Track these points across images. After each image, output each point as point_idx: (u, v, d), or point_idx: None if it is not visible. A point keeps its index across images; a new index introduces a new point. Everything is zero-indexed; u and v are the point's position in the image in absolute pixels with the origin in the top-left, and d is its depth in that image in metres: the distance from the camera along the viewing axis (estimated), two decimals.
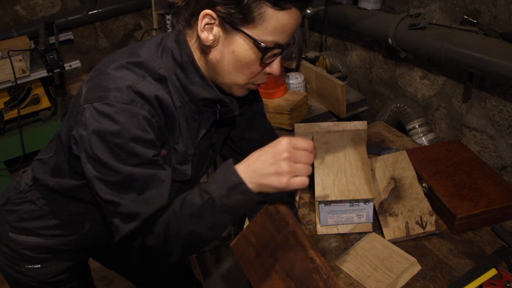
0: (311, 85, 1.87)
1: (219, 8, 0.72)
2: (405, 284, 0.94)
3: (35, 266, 1.05)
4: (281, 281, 0.83)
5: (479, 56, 1.29)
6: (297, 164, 0.73)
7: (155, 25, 2.93)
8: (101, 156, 0.73)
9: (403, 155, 1.24)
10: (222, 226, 0.78)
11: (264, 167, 0.72)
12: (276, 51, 0.77)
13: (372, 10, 1.81)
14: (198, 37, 0.76)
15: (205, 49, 0.78)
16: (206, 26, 0.74)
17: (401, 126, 1.80)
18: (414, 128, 1.72)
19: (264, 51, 0.75)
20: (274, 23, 0.73)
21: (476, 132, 1.56)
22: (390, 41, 1.65)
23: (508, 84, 1.37)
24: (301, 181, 0.73)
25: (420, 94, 1.78)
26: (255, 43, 0.74)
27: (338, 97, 1.69)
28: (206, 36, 0.75)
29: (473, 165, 1.18)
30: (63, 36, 2.81)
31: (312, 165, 0.96)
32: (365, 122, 1.26)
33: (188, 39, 0.80)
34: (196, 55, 0.81)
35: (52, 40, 2.32)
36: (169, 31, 2.55)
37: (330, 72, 2.00)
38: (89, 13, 2.91)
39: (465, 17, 1.43)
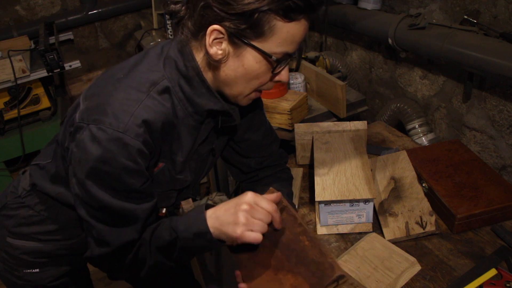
0: (311, 85, 1.87)
1: (227, 23, 0.71)
2: (405, 284, 0.94)
3: (33, 270, 1.05)
4: (267, 253, 0.82)
5: (479, 56, 1.29)
6: (254, 219, 0.76)
7: (155, 25, 2.93)
8: (85, 181, 0.75)
9: (403, 155, 1.24)
10: (185, 261, 0.86)
11: (225, 215, 0.77)
12: (285, 60, 0.78)
13: (372, 10, 1.81)
14: (207, 52, 0.75)
15: (214, 63, 0.77)
16: (215, 41, 0.74)
17: (401, 126, 1.80)
18: (414, 128, 1.72)
19: (275, 63, 0.76)
20: (284, 35, 0.72)
21: (476, 132, 1.56)
22: (390, 41, 1.65)
23: (508, 84, 1.36)
24: (255, 236, 0.75)
25: (420, 94, 1.79)
26: (266, 56, 0.74)
27: (338, 97, 1.69)
28: (215, 51, 0.74)
29: (473, 165, 1.18)
30: (63, 36, 2.81)
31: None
32: (365, 122, 1.26)
33: (194, 51, 0.79)
34: (203, 67, 0.80)
35: (52, 40, 2.31)
36: (170, 37, 2.55)
37: (330, 72, 2.00)
38: (89, 13, 2.90)
39: (465, 17, 1.43)
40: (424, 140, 1.67)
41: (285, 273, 0.79)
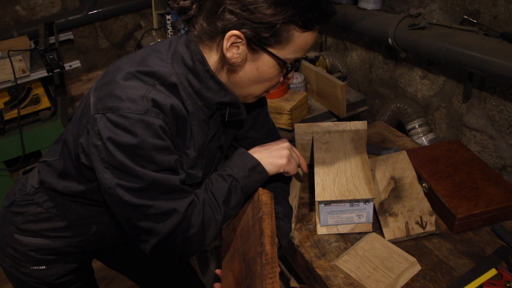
0: (311, 85, 1.87)
1: (247, 29, 0.74)
2: (405, 284, 0.94)
3: (40, 267, 1.05)
4: (238, 264, 0.85)
5: (479, 56, 1.29)
6: (292, 156, 0.97)
7: (155, 25, 2.93)
8: (125, 163, 0.74)
9: (403, 155, 1.24)
10: (240, 205, 0.91)
11: (270, 151, 0.93)
12: (294, 64, 0.83)
13: (372, 10, 1.81)
14: (223, 55, 0.78)
15: (230, 66, 0.80)
16: (232, 44, 0.76)
17: (401, 126, 1.80)
18: (414, 128, 1.72)
19: (288, 68, 0.81)
20: (299, 43, 0.77)
21: (476, 132, 1.56)
22: (390, 41, 1.65)
23: (508, 84, 1.37)
24: (294, 167, 0.97)
25: (420, 94, 1.79)
26: (280, 62, 0.79)
27: (338, 97, 1.69)
28: (232, 54, 0.77)
29: (473, 165, 1.18)
30: (63, 36, 2.81)
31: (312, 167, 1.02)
32: (365, 122, 1.26)
33: (206, 49, 0.81)
34: (218, 68, 0.82)
35: (52, 40, 2.31)
36: (180, 34, 2.55)
37: (330, 72, 2.00)
38: (89, 13, 2.91)
39: (465, 17, 1.43)
40: (424, 140, 1.67)
41: None
